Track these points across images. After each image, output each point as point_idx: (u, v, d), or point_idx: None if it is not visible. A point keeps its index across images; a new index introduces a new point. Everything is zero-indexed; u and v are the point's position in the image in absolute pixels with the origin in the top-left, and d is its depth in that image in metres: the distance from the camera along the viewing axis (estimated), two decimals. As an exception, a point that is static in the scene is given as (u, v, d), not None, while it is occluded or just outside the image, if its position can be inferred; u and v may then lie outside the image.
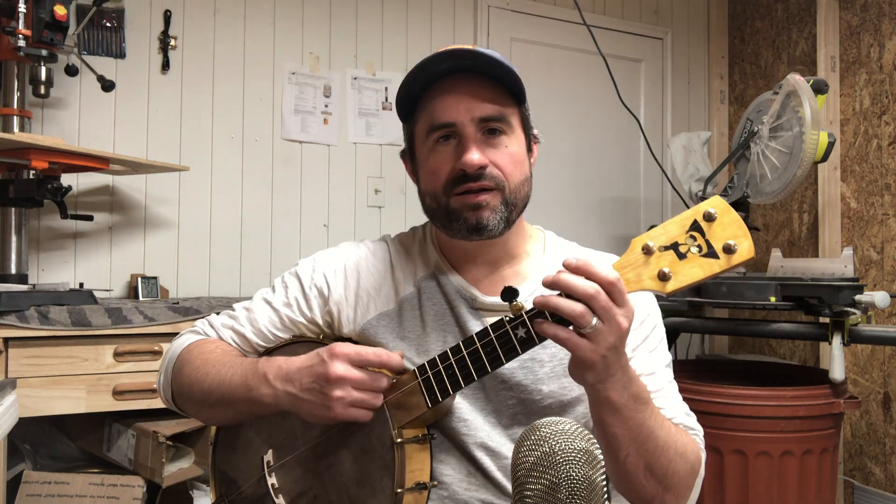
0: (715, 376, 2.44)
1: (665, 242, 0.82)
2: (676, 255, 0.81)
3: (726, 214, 0.80)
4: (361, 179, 2.80)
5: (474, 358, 0.88)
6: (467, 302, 1.03)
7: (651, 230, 0.83)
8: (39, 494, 1.90)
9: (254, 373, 0.95)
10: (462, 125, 0.96)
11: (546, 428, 0.78)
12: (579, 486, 0.74)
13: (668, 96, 3.42)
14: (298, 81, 2.70)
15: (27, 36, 1.91)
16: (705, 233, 0.80)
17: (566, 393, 1.00)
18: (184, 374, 1.05)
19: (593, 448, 0.77)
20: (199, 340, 1.09)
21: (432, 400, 0.91)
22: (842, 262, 2.09)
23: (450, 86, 0.97)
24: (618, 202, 3.29)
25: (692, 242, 0.81)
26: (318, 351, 0.91)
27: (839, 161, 2.77)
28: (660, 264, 0.82)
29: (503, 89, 0.99)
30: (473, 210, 0.96)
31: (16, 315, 1.81)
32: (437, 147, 0.99)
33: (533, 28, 3.11)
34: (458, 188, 0.97)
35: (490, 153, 0.97)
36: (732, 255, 0.79)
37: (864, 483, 2.66)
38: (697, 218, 0.81)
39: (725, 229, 0.80)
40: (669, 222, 0.83)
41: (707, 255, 0.80)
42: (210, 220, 2.57)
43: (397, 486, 0.90)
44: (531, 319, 0.84)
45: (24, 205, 2.06)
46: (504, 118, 0.98)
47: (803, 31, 3.02)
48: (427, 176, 1.01)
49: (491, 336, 0.87)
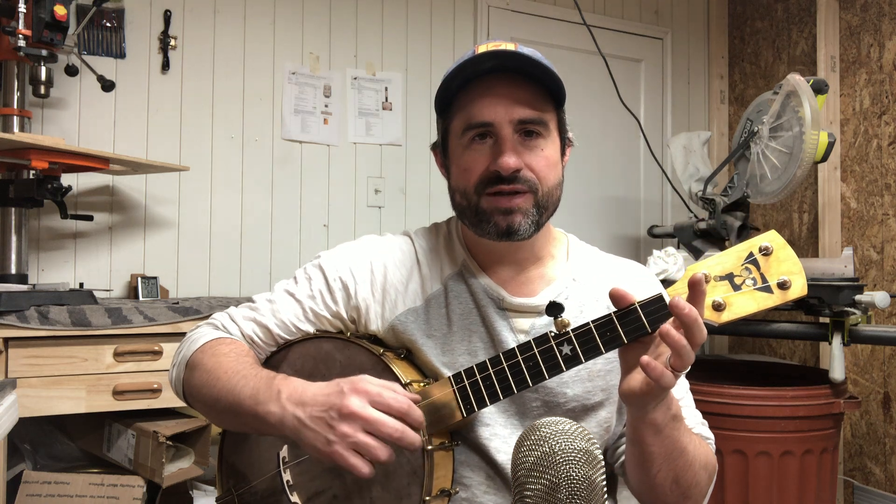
0: (715, 376, 2.44)
1: (720, 273, 0.83)
2: (731, 287, 0.82)
3: (783, 250, 0.82)
4: (361, 179, 2.80)
5: (515, 371, 0.87)
6: (494, 302, 1.02)
7: (706, 258, 0.85)
8: (39, 494, 1.90)
9: (267, 387, 0.91)
10: (499, 126, 0.95)
11: (546, 428, 0.78)
12: (579, 486, 0.74)
13: (668, 96, 3.42)
14: (298, 81, 2.70)
15: (27, 36, 1.91)
16: (761, 266, 0.82)
17: (590, 397, 1.00)
18: (195, 376, 1.01)
19: (593, 448, 0.77)
20: (214, 340, 1.04)
21: (467, 409, 0.89)
22: (842, 262, 2.09)
23: (489, 85, 0.96)
24: (618, 202, 3.29)
25: (747, 275, 0.82)
26: (339, 381, 0.86)
27: (839, 161, 2.77)
28: (714, 294, 0.82)
29: (543, 91, 0.98)
30: (505, 214, 0.95)
31: (16, 315, 1.81)
32: (472, 145, 0.97)
33: (533, 28, 3.11)
34: (491, 189, 0.96)
35: (525, 155, 0.96)
36: (787, 291, 0.80)
37: (864, 483, 2.66)
38: (754, 251, 0.82)
39: (781, 265, 0.81)
40: (725, 253, 0.84)
41: (762, 288, 0.81)
42: (210, 220, 2.57)
43: (425, 494, 0.88)
44: (578, 338, 0.85)
45: (24, 205, 2.06)
46: (542, 121, 0.97)
47: (803, 31, 3.02)
48: (459, 173, 0.99)
49: (534, 350, 0.86)
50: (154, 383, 1.96)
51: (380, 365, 0.95)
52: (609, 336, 0.84)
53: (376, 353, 0.95)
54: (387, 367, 0.94)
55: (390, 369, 0.93)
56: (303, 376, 0.95)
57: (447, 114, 1.02)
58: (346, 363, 0.98)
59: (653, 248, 2.61)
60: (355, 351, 0.98)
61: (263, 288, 2.49)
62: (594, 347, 0.84)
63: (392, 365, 0.94)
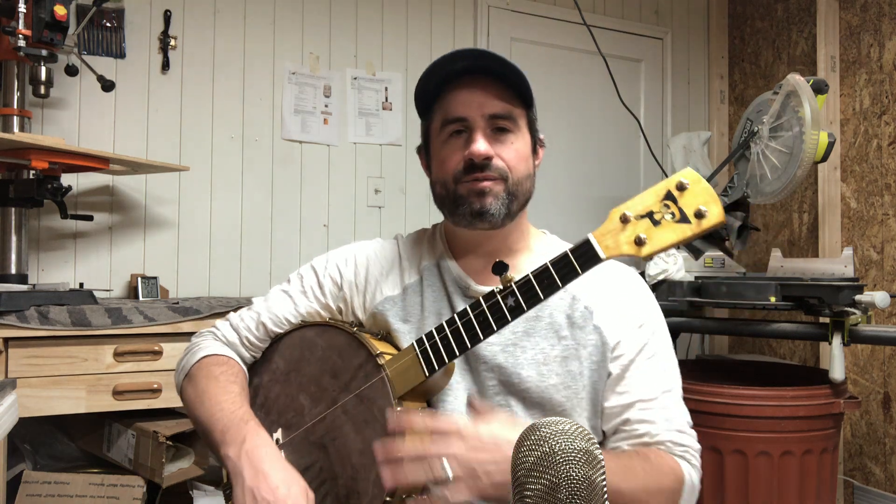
0: (715, 376, 2.44)
1: (641, 211, 0.87)
2: (651, 222, 0.86)
3: (697, 184, 0.85)
4: (361, 179, 2.80)
5: (467, 327, 0.94)
6: (461, 290, 1.09)
7: (628, 201, 0.89)
8: (39, 494, 1.90)
9: (237, 430, 1.01)
10: (473, 119, 1.03)
11: (546, 428, 0.78)
12: (579, 486, 0.74)
13: (668, 96, 3.42)
14: (298, 81, 2.70)
15: (27, 36, 1.91)
16: (678, 201, 0.85)
17: (543, 380, 1.03)
18: (187, 391, 1.14)
19: (593, 448, 0.77)
20: (212, 358, 1.15)
21: (429, 369, 0.96)
22: (842, 262, 2.09)
23: (464, 84, 1.04)
24: (618, 202, 3.25)
25: (666, 210, 0.86)
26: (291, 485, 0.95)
27: (839, 161, 2.77)
28: (636, 231, 0.87)
29: (512, 92, 1.05)
30: (478, 196, 1.03)
31: (16, 315, 1.81)
32: (449, 140, 1.06)
33: (533, 28, 3.11)
34: (467, 176, 1.04)
35: (496, 147, 1.04)
36: (703, 220, 0.84)
37: (864, 483, 2.66)
38: (671, 188, 0.86)
39: (697, 197, 0.85)
40: (645, 193, 0.88)
41: (680, 220, 0.85)
42: (210, 220, 2.57)
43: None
44: (520, 289, 0.91)
45: (24, 205, 2.06)
46: (511, 117, 1.05)
47: (803, 31, 3.02)
48: (438, 165, 1.08)
49: (483, 307, 0.93)
50: (154, 383, 1.96)
51: (354, 342, 1.03)
52: (546, 282, 0.90)
53: (349, 331, 1.05)
54: (360, 344, 1.02)
55: (363, 344, 1.02)
56: (292, 363, 1.10)
57: (428, 116, 1.11)
58: (326, 345, 1.07)
59: (653, 248, 2.61)
60: (332, 333, 1.07)
61: (263, 288, 2.49)
62: (534, 295, 0.91)
63: (364, 341, 1.02)
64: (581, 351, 1.04)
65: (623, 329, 1.06)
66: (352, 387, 1.00)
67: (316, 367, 1.06)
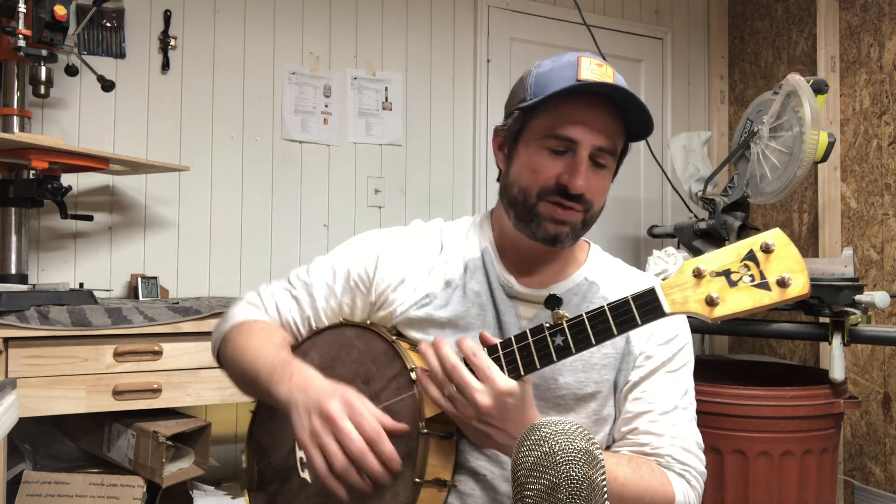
0: (715, 376, 2.44)
1: (717, 268, 0.81)
2: (727, 282, 0.80)
3: (786, 248, 0.79)
4: (361, 179, 2.80)
5: (509, 360, 0.89)
6: (504, 288, 1.07)
7: (705, 254, 0.82)
8: (39, 494, 1.90)
9: (283, 369, 0.99)
10: (581, 146, 1.00)
11: (546, 428, 0.78)
12: (579, 486, 0.74)
13: (668, 96, 3.42)
14: (298, 81, 2.70)
15: (27, 36, 1.91)
16: (760, 263, 0.79)
17: (582, 388, 1.02)
18: (228, 350, 1.12)
19: (593, 448, 0.77)
20: (250, 321, 1.13)
21: None
22: (842, 262, 2.09)
23: (586, 105, 1.01)
24: (618, 202, 3.29)
25: (745, 271, 0.79)
26: (339, 386, 0.94)
27: (839, 161, 2.77)
28: (709, 290, 0.80)
29: (622, 125, 1.03)
30: (557, 224, 1.02)
31: (16, 315, 1.81)
32: (550, 152, 1.02)
33: (533, 28, 3.11)
34: (553, 197, 1.01)
35: (590, 179, 1.02)
36: (786, 289, 0.77)
37: (864, 483, 2.66)
38: (754, 248, 0.80)
39: (782, 262, 0.78)
40: (724, 248, 0.81)
41: (759, 285, 0.79)
42: (210, 220, 2.57)
43: (416, 476, 0.91)
44: (570, 329, 0.86)
45: (24, 205, 2.06)
46: (614, 153, 1.04)
47: (803, 31, 3.02)
48: (526, 170, 1.04)
49: (528, 340, 0.88)
50: (154, 383, 1.96)
51: (391, 351, 1.00)
52: (600, 328, 0.85)
53: (388, 339, 1.01)
54: (396, 354, 0.99)
55: (399, 355, 0.98)
56: (327, 360, 1.06)
57: (533, 108, 1.04)
58: (363, 349, 1.04)
59: (653, 248, 2.61)
60: (371, 337, 1.04)
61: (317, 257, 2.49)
62: (585, 339, 0.85)
63: (402, 351, 0.98)
64: (613, 360, 1.04)
65: (651, 342, 1.06)
66: (382, 397, 0.98)
67: (350, 369, 1.04)
